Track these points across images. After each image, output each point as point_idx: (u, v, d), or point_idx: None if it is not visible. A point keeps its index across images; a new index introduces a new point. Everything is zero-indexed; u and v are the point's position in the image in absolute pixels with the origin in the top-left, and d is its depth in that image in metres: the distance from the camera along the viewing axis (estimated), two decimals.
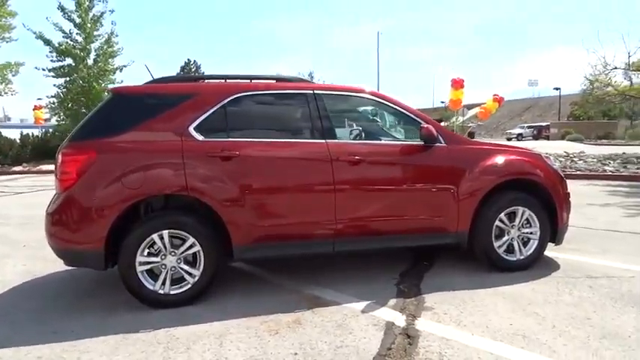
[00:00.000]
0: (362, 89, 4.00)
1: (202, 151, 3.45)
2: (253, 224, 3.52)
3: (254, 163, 3.54)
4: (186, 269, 3.44)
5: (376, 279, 3.98)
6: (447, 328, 3.00)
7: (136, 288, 3.36)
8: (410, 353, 2.68)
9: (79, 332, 3.08)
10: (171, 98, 3.58)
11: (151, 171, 3.35)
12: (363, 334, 2.93)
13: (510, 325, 3.01)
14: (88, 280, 4.22)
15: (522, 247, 4.12)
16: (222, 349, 2.79)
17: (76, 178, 3.30)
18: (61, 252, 3.45)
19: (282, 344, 2.83)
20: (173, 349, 2.80)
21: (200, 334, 2.99)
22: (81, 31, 20.50)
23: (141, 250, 3.34)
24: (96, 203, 3.30)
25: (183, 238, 3.43)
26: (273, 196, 3.58)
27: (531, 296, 3.51)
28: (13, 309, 3.54)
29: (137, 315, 3.32)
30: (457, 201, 3.90)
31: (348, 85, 3.98)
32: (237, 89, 3.69)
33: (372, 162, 3.76)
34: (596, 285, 3.72)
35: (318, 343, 2.82)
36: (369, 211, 3.77)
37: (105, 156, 3.33)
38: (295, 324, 3.11)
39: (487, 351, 2.67)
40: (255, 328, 3.07)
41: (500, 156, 4.10)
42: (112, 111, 3.53)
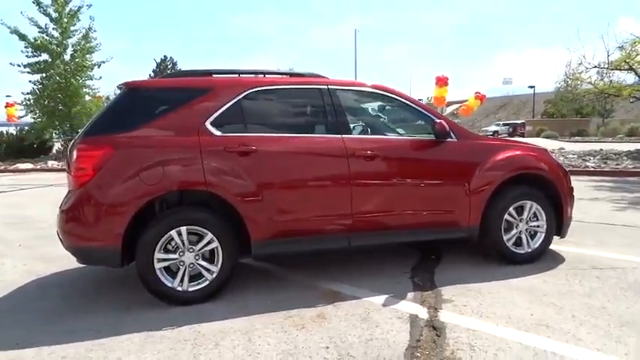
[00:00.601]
0: (377, 85, 4.02)
1: (220, 147, 3.42)
2: (271, 219, 3.50)
3: (271, 158, 3.53)
4: (204, 266, 3.40)
5: (389, 273, 4.01)
6: (470, 319, 3.05)
7: (155, 285, 3.32)
8: (440, 345, 2.71)
9: (99, 331, 3.02)
10: (186, 93, 3.53)
11: (169, 167, 3.30)
12: (390, 327, 2.95)
13: (531, 316, 3.07)
14: (95, 278, 4.14)
15: (530, 240, 4.21)
16: (252, 344, 2.78)
17: (93, 174, 3.23)
18: (75, 249, 3.37)
19: (311, 338, 2.83)
20: (202, 346, 2.77)
21: (226, 331, 2.97)
22: (57, 25, 19.96)
23: (159, 247, 3.30)
24: (113, 200, 3.24)
25: (200, 235, 3.39)
26: (291, 191, 3.57)
27: (544, 288, 3.59)
28: (24, 309, 3.45)
29: (156, 312, 3.28)
30: (469, 195, 3.95)
31: (362, 81, 3.99)
32: (252, 84, 3.67)
33: (387, 157, 3.79)
34: (603, 276, 3.83)
35: (347, 337, 2.83)
36: (383, 205, 3.79)
37: (122, 151, 3.27)
38: (320, 318, 3.11)
39: (515, 341, 2.72)
40: (280, 323, 3.06)
41: (510, 151, 4.17)
42: (127, 106, 3.47)
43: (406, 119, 4.29)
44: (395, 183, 3.82)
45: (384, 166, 3.77)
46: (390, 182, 3.80)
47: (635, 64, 13.33)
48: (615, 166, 12.08)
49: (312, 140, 3.70)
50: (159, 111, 3.45)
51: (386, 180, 3.79)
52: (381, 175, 3.77)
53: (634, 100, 14.65)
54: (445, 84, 16.55)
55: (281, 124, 3.76)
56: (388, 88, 4.03)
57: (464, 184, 3.95)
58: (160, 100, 3.50)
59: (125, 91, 3.52)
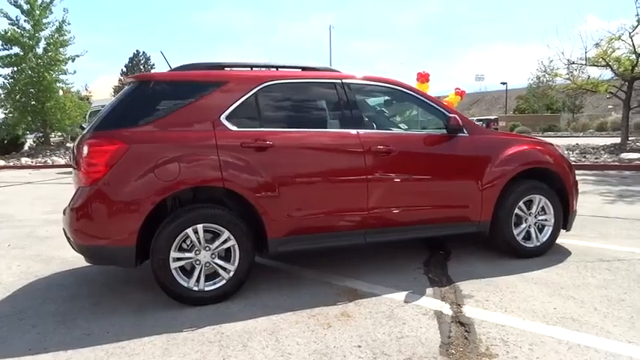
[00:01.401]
0: (389, 79, 3.97)
1: (236, 141, 3.32)
2: (288, 216, 3.43)
3: (288, 154, 3.44)
4: (221, 264, 3.31)
5: (402, 269, 3.98)
6: (496, 314, 3.04)
7: (170, 285, 3.20)
8: (473, 340, 2.69)
9: (116, 334, 2.90)
10: (200, 86, 3.41)
11: (185, 162, 3.19)
12: (418, 324, 2.92)
13: (555, 310, 3.09)
14: (100, 279, 4.00)
15: (538, 234, 4.25)
16: (281, 344, 2.70)
17: (105, 170, 3.09)
18: (86, 249, 3.23)
19: (340, 337, 2.77)
20: (229, 347, 2.68)
21: (250, 331, 2.89)
22: (29, 18, 19.32)
23: (175, 246, 3.18)
24: (127, 197, 3.11)
25: (216, 233, 3.29)
26: (307, 187, 3.50)
27: (559, 281, 3.62)
28: (32, 313, 3.29)
29: (172, 313, 3.17)
30: (481, 190, 3.95)
31: (375, 76, 3.94)
32: (267, 77, 3.57)
33: (402, 151, 3.75)
34: (612, 268, 3.88)
35: (376, 335, 2.78)
36: (399, 201, 3.76)
37: (136, 147, 3.14)
38: (344, 317, 3.06)
39: (547, 335, 2.72)
40: (304, 322, 2.99)
41: (519, 145, 4.19)
42: (139, 99, 3.32)
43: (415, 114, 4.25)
44: (410, 178, 3.79)
45: (399, 161, 3.73)
46: (405, 177, 3.77)
47: (612, 60, 13.67)
48: (595, 160, 12.38)
49: (329, 135, 3.63)
50: (172, 105, 3.33)
51: (401, 175, 3.75)
52: (396, 170, 3.72)
53: (610, 95, 15.05)
54: (426, 80, 16.58)
55: (296, 119, 3.68)
56: (401, 82, 3.98)
57: (476, 179, 3.94)
58: (173, 93, 3.38)
59: (136, 84, 3.37)
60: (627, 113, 14.15)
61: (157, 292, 3.47)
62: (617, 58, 13.72)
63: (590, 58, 14.05)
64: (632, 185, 8.89)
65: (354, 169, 3.59)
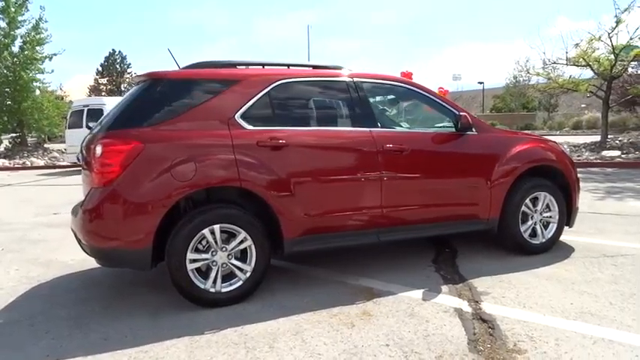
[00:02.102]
0: (400, 78, 3.98)
1: (252, 141, 3.27)
2: (304, 216, 3.40)
3: (303, 152, 3.42)
4: (237, 265, 3.26)
5: (412, 267, 3.99)
6: (515, 310, 3.07)
7: (187, 287, 3.14)
8: (499, 337, 2.71)
9: (135, 337, 2.84)
10: (214, 84, 3.36)
11: (202, 162, 3.13)
12: (441, 322, 2.92)
13: (572, 305, 3.13)
14: (107, 282, 3.91)
15: (543, 231, 4.31)
16: (308, 345, 2.68)
17: (120, 170, 3.01)
18: (100, 251, 3.14)
19: (366, 336, 2.76)
20: (256, 349, 2.64)
21: (274, 332, 2.85)
22: (4, 15, 18.81)
23: (191, 247, 3.13)
24: (143, 198, 3.04)
25: (231, 233, 3.24)
26: (322, 186, 3.48)
27: (569, 276, 3.67)
28: (43, 318, 3.19)
29: (188, 315, 3.11)
30: (490, 188, 3.99)
31: (385, 74, 3.94)
32: (280, 76, 3.53)
33: (415, 150, 3.75)
34: (618, 263, 3.96)
35: (402, 333, 2.78)
36: (411, 199, 3.77)
37: (152, 146, 3.07)
38: (366, 316, 3.05)
39: (569, 330, 2.75)
40: (327, 322, 2.97)
41: (525, 143, 4.24)
42: (152, 98, 3.25)
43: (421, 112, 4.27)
44: (422, 176, 3.80)
45: (411, 160, 3.74)
46: (418, 176, 3.78)
47: (592, 60, 13.97)
48: (577, 158, 12.64)
49: (343, 134, 3.61)
50: (186, 103, 3.26)
51: (413, 173, 3.76)
52: (408, 168, 3.73)
53: (590, 94, 15.39)
54: None
55: (309, 117, 3.66)
56: (411, 81, 4.00)
57: (486, 177, 3.98)
58: (187, 92, 3.31)
59: (149, 82, 3.30)
60: (606, 112, 14.49)
61: (169, 294, 3.42)
62: (597, 58, 14.03)
63: (570, 58, 14.34)
64: (617, 182, 9.11)
65: (368, 167, 3.58)
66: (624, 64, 13.99)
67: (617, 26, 13.36)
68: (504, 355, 2.50)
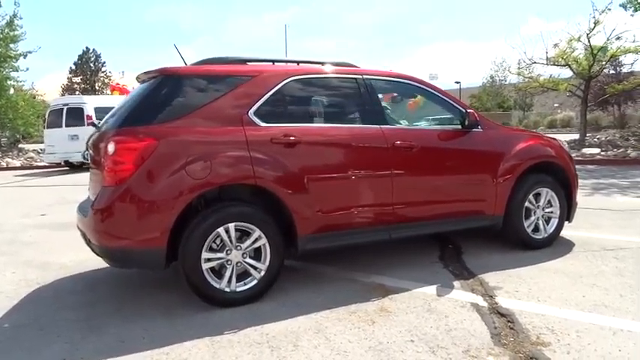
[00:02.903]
0: (407, 75, 3.99)
1: (266, 138, 3.23)
2: (316, 213, 3.38)
3: (316, 149, 3.40)
4: (252, 264, 3.22)
5: (420, 263, 4.00)
6: (530, 304, 3.11)
7: (202, 287, 3.09)
8: (520, 330, 2.73)
9: (153, 339, 2.77)
10: (227, 80, 3.31)
11: (217, 160, 3.08)
12: (460, 317, 2.94)
13: (584, 297, 3.19)
14: (113, 283, 3.83)
15: (545, 226, 4.38)
16: (332, 342, 2.66)
17: (134, 168, 2.94)
18: (112, 252, 3.05)
19: (389, 332, 2.75)
20: (281, 348, 2.61)
21: (295, 331, 2.82)
22: None
23: (206, 246, 3.07)
24: (158, 196, 2.97)
25: (246, 231, 3.20)
26: (335, 183, 3.46)
27: (576, 270, 3.74)
28: (51, 321, 3.09)
29: (204, 315, 3.06)
30: (496, 184, 4.03)
31: (394, 72, 3.95)
32: (292, 72, 3.50)
33: (424, 147, 3.77)
34: (619, 257, 4.04)
35: (424, 329, 2.78)
36: (421, 196, 3.78)
37: (166, 143, 3.00)
38: (384, 312, 3.04)
39: (587, 322, 2.80)
40: (346, 319, 2.96)
41: (528, 140, 4.31)
42: (165, 94, 3.17)
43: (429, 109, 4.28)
44: (431, 173, 3.83)
45: (421, 157, 3.76)
46: (427, 172, 3.80)
47: (571, 60, 14.31)
48: None
49: (355, 131, 3.60)
50: (199, 100, 3.20)
51: (423, 170, 3.78)
52: (418, 165, 3.75)
53: (570, 93, 15.76)
54: None
55: (320, 114, 3.65)
56: (419, 79, 4.01)
57: (492, 173, 4.02)
58: (200, 88, 3.25)
59: (160, 78, 3.22)
60: (585, 111, 14.86)
61: (179, 293, 3.39)
62: (576, 59, 14.37)
63: (550, 58, 14.65)
64: (601, 178, 9.34)
65: (379, 164, 3.58)
66: (602, 65, 14.34)
67: (595, 27, 13.71)
68: (529, 348, 2.52)
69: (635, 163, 11.50)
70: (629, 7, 15.26)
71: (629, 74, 20.50)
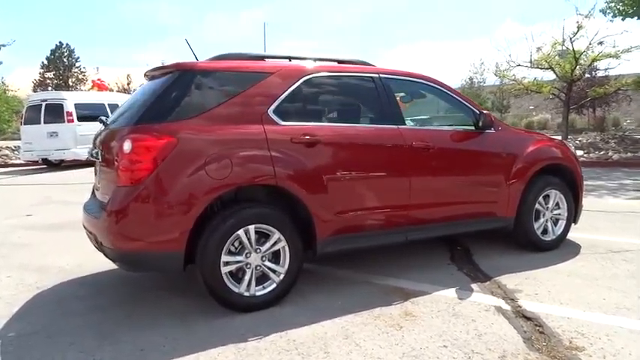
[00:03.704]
0: (421, 75, 3.94)
1: (286, 137, 3.14)
2: (336, 215, 3.30)
3: (336, 150, 3.32)
4: (271, 267, 3.12)
5: (433, 266, 3.96)
6: (553, 307, 3.08)
7: (221, 292, 2.97)
8: (551, 334, 2.70)
9: (175, 347, 2.65)
10: (246, 77, 3.20)
11: (237, 159, 2.97)
12: (487, 321, 2.90)
13: (605, 300, 3.18)
14: (119, 287, 3.67)
15: (553, 228, 4.39)
16: (364, 349, 2.58)
17: (152, 167, 2.80)
18: (127, 255, 2.90)
19: (419, 338, 2.69)
20: (311, 355, 2.52)
21: (322, 336, 2.74)
22: None
23: (226, 249, 2.96)
24: (177, 197, 2.84)
25: (265, 233, 3.10)
26: (354, 184, 3.38)
27: (589, 272, 3.74)
28: (59, 329, 2.93)
29: (223, 321, 2.95)
30: (508, 186, 4.02)
31: (409, 71, 3.89)
32: (311, 70, 3.41)
33: (440, 148, 3.72)
34: (627, 259, 4.07)
35: (454, 334, 2.73)
36: (437, 197, 3.74)
37: (185, 141, 2.87)
38: (409, 316, 2.98)
39: (615, 325, 2.79)
40: (372, 324, 2.88)
41: (538, 142, 4.31)
42: (181, 90, 3.03)
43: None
44: (446, 174, 3.79)
45: (437, 158, 3.71)
46: (443, 173, 3.76)
47: (554, 63, 14.56)
48: None
49: (374, 131, 3.53)
50: (218, 97, 3.09)
51: (440, 171, 3.74)
52: (435, 166, 3.70)
53: (553, 96, 16.04)
54: None
55: (338, 113, 3.58)
56: (434, 78, 3.97)
57: (504, 175, 4.01)
58: (218, 84, 3.13)
59: (177, 74, 3.09)
60: (567, 113, 15.15)
61: (191, 298, 3.32)
62: (559, 62, 14.63)
63: (534, 61, 14.88)
64: (589, 180, 9.38)
65: (398, 165, 3.53)
66: (584, 68, 14.64)
67: (578, 31, 13.98)
68: (565, 353, 2.49)
69: (617, 165, 11.75)
70: (609, 13, 15.66)
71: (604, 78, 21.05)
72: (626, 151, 13.07)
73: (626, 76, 18.62)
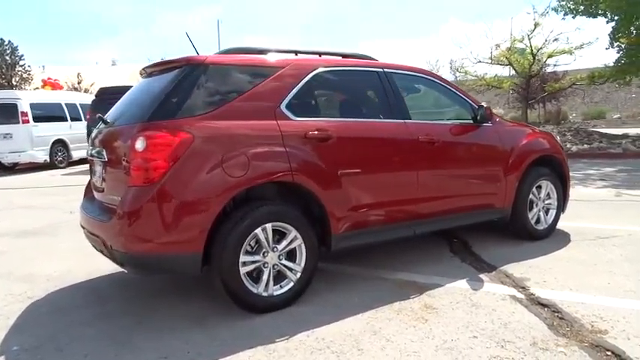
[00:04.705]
0: (422, 69, 3.96)
1: (300, 132, 3.07)
2: (349, 210, 3.26)
3: (349, 145, 3.28)
4: (288, 265, 3.05)
5: (437, 258, 3.99)
6: (565, 293, 3.17)
7: (241, 294, 2.88)
8: (572, 320, 2.76)
9: (200, 353, 2.55)
10: (258, 71, 3.11)
11: (254, 155, 2.87)
12: (507, 310, 2.94)
13: (609, 284, 3.30)
14: (122, 292, 3.50)
15: (545, 217, 4.53)
16: (396, 344, 2.56)
17: (167, 166, 2.67)
18: (140, 258, 2.76)
19: (447, 330, 2.70)
20: (345, 353, 2.48)
21: (350, 333, 2.70)
22: None
23: (244, 249, 2.87)
24: (195, 196, 2.73)
25: (281, 231, 3.03)
26: (366, 179, 3.36)
27: (586, 258, 3.87)
28: (69, 339, 2.76)
29: (244, 324, 2.86)
30: (506, 177, 4.10)
31: (411, 65, 3.90)
32: (320, 64, 3.35)
33: (444, 142, 3.75)
34: (617, 244, 4.24)
35: (480, 324, 2.75)
36: (442, 190, 3.77)
37: (201, 138, 2.75)
38: (431, 309, 2.99)
39: (627, 308, 2.89)
40: (397, 319, 2.87)
41: (531, 135, 4.43)
42: (192, 85, 2.90)
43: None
44: (452, 167, 3.83)
45: (441, 151, 3.74)
46: (448, 167, 3.80)
47: (514, 60, 15.07)
48: None
49: (383, 125, 3.52)
50: (231, 91, 2.98)
51: (444, 165, 3.77)
52: (440, 160, 3.73)
53: (512, 91, 16.60)
54: None
55: (347, 108, 3.53)
56: (434, 73, 4.00)
57: (502, 167, 4.09)
58: (230, 79, 3.03)
59: (188, 68, 2.95)
60: (526, 108, 15.72)
61: (199, 300, 3.24)
62: (517, 59, 15.15)
63: (494, 57, 15.34)
64: None
65: (406, 159, 3.53)
66: (541, 64, 15.21)
67: (535, 29, 14.51)
68: (591, 337, 2.56)
69: (577, 156, 12.27)
70: (560, 11, 16.35)
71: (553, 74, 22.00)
72: (582, 143, 13.69)
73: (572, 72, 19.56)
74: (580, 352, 2.41)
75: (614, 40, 15.67)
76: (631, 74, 15.36)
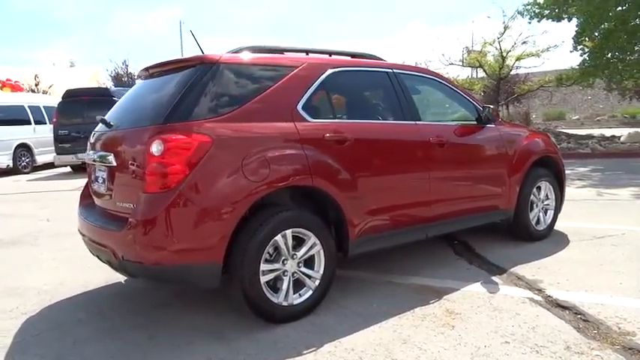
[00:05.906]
0: (429, 70, 3.92)
1: (317, 134, 2.97)
2: (366, 214, 3.18)
3: (365, 147, 3.20)
4: (307, 273, 2.94)
5: (445, 262, 3.96)
6: (581, 294, 3.18)
7: (262, 304, 2.75)
8: (597, 322, 2.76)
9: None
10: (273, 71, 2.98)
11: (274, 159, 2.75)
12: (531, 313, 2.92)
13: (622, 284, 3.33)
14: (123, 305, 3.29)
15: (544, 217, 4.57)
16: (429, 352, 2.49)
17: (186, 170, 2.52)
18: (156, 269, 2.59)
19: (477, 336, 2.65)
20: None
21: (379, 342, 2.61)
22: None
23: (264, 257, 2.74)
24: (215, 203, 2.58)
25: (301, 238, 2.92)
26: (382, 182, 3.29)
27: (589, 258, 3.92)
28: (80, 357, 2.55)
29: (264, 335, 2.73)
30: (510, 179, 4.11)
31: (419, 67, 3.85)
32: (334, 64, 3.26)
33: (453, 143, 3.73)
34: (615, 243, 4.31)
35: (509, 329, 2.72)
36: (452, 192, 3.75)
37: (221, 141, 2.61)
38: (454, 315, 2.93)
39: None
40: (423, 325, 2.80)
41: (530, 136, 4.46)
42: (208, 86, 2.74)
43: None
44: (460, 169, 3.80)
45: (451, 153, 3.71)
46: (457, 168, 3.78)
47: (484, 63, 15.37)
48: None
49: (396, 127, 3.46)
50: (247, 92, 2.85)
51: (454, 166, 3.74)
52: (449, 161, 3.70)
53: (483, 93, 16.92)
54: None
55: (361, 109, 3.46)
56: (440, 74, 3.96)
57: (506, 168, 4.10)
58: (246, 79, 2.89)
59: (201, 68, 2.79)
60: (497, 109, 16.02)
61: (209, 312, 3.10)
62: (487, 61, 15.46)
63: (466, 59, 15.61)
64: None
65: (419, 161, 3.48)
66: (510, 66, 15.57)
67: (505, 32, 14.84)
68: (621, 339, 2.56)
69: None
70: (526, 15, 16.78)
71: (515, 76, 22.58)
72: None
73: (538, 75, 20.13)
74: (616, 356, 2.40)
75: (577, 44, 16.20)
76: (595, 76, 15.90)
